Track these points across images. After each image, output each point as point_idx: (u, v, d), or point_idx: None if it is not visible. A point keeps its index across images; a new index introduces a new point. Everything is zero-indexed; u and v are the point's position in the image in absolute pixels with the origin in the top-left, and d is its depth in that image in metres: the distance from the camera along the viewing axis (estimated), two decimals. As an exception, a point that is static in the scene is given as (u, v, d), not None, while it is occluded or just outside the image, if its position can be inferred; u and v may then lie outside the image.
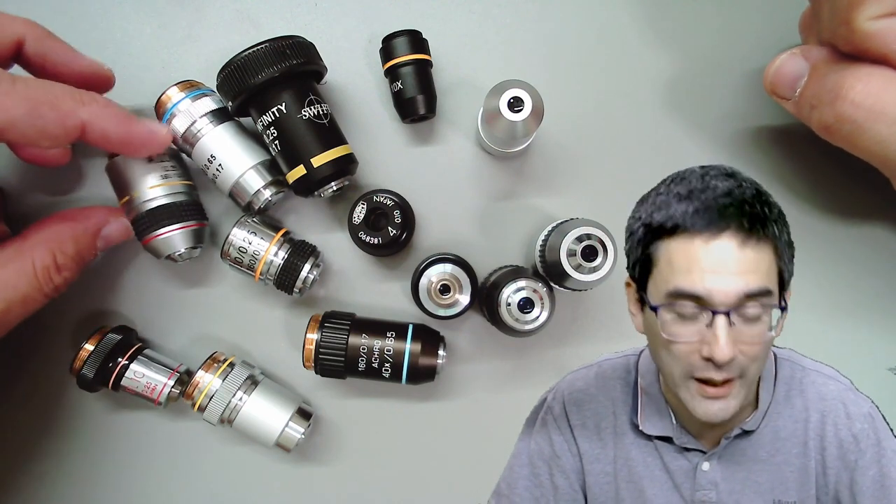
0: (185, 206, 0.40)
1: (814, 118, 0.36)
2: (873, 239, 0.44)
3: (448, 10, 0.45)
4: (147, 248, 0.40)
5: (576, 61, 0.45)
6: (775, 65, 0.38)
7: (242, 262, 0.41)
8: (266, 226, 0.41)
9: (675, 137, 0.44)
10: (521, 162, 0.44)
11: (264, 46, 0.38)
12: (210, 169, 0.40)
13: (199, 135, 0.40)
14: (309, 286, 0.42)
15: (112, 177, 0.41)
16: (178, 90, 0.40)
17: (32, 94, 0.33)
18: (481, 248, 0.44)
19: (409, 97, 0.41)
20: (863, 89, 0.33)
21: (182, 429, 0.44)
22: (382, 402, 0.44)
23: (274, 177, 0.41)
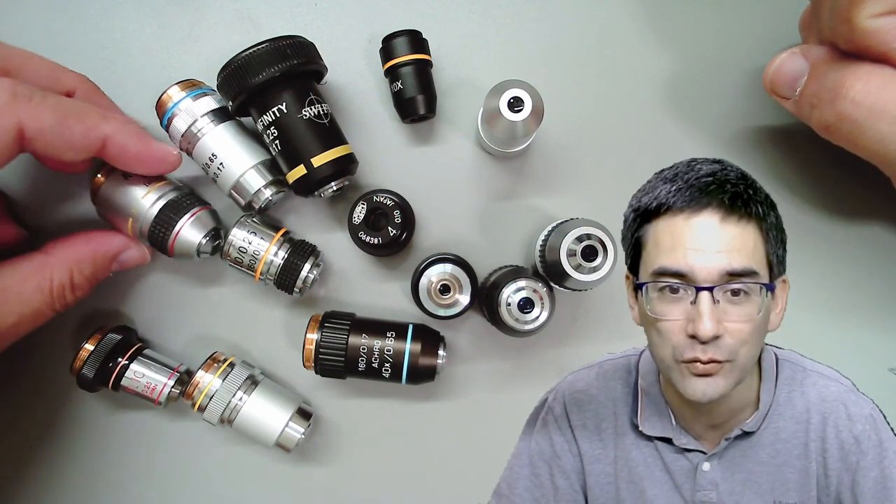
0: (183, 199, 0.40)
1: (814, 117, 0.36)
2: (873, 239, 0.44)
3: (448, 10, 0.45)
4: (176, 254, 0.40)
5: (576, 61, 0.44)
6: (775, 64, 0.38)
7: (242, 262, 0.41)
8: (266, 226, 0.41)
9: (675, 137, 0.44)
10: (521, 162, 0.44)
11: (265, 46, 0.38)
12: (211, 168, 0.40)
13: (200, 134, 0.40)
14: (309, 286, 0.42)
15: (104, 211, 0.41)
16: (178, 89, 0.40)
17: (61, 107, 0.35)
18: (481, 248, 0.44)
19: (409, 97, 0.41)
20: (863, 88, 0.33)
21: (182, 429, 0.44)
22: (382, 402, 0.44)
23: (274, 176, 0.41)
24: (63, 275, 0.38)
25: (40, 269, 0.37)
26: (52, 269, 0.37)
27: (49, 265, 0.37)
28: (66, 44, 0.45)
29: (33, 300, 0.37)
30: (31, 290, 0.37)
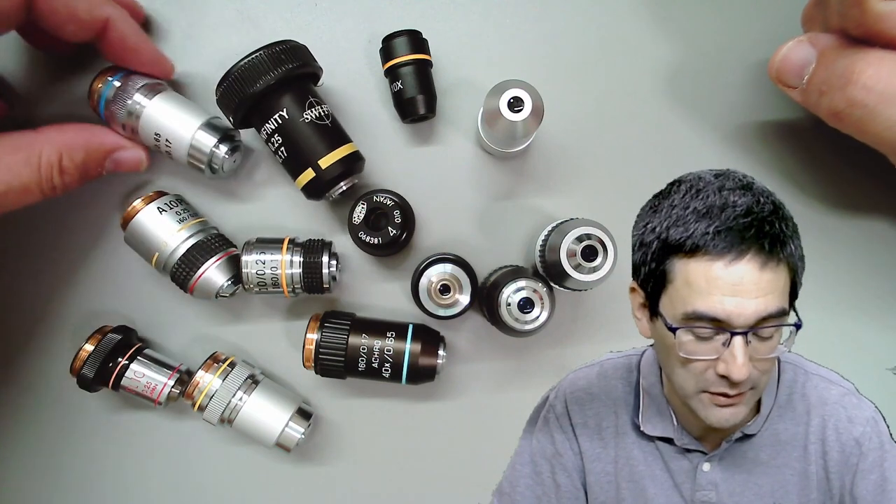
0: (211, 241, 0.41)
1: (823, 104, 0.36)
2: (876, 235, 0.44)
3: (448, 10, 0.45)
4: (195, 294, 0.41)
5: (576, 61, 0.44)
6: (781, 53, 0.38)
7: (266, 284, 0.40)
8: (270, 241, 0.41)
9: (675, 137, 0.44)
10: (521, 162, 0.44)
11: (258, 55, 0.38)
12: (161, 141, 0.40)
13: (139, 110, 0.40)
14: (338, 279, 0.42)
15: (134, 242, 0.41)
16: (103, 76, 0.40)
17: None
18: (481, 248, 0.44)
19: (409, 97, 0.41)
20: (874, 73, 0.33)
21: (182, 429, 0.44)
22: (382, 402, 0.44)
23: (224, 132, 0.41)
24: (52, 154, 0.37)
25: (30, 144, 0.37)
26: (42, 146, 0.37)
27: (39, 142, 0.37)
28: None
29: (22, 173, 0.36)
30: (18, 163, 0.36)
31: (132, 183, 0.44)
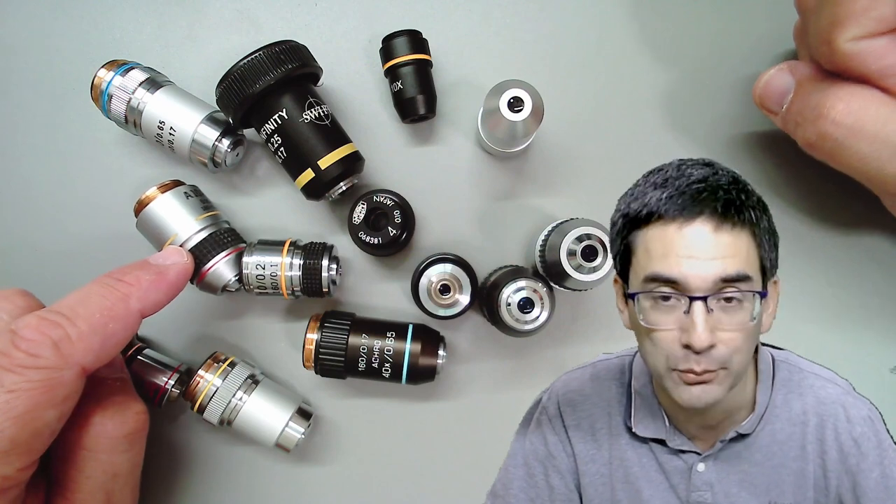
0: (223, 234, 0.41)
1: (798, 134, 0.37)
2: (865, 245, 0.44)
3: (448, 10, 0.45)
4: (203, 285, 0.41)
5: (576, 61, 0.44)
6: (763, 79, 0.39)
7: (265, 286, 0.40)
8: (272, 243, 0.41)
9: (674, 136, 0.44)
10: (521, 162, 0.44)
11: (258, 55, 0.37)
12: (163, 136, 0.40)
13: (141, 106, 0.40)
14: (338, 283, 0.42)
15: (146, 230, 0.41)
16: (105, 70, 0.40)
17: (93, 319, 0.32)
18: (481, 248, 0.44)
19: (409, 97, 0.41)
20: (844, 108, 0.34)
21: (182, 429, 0.44)
22: (382, 402, 0.44)
23: (226, 126, 0.41)
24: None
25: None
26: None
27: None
28: (66, 44, 0.45)
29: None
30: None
31: (132, 180, 0.44)
